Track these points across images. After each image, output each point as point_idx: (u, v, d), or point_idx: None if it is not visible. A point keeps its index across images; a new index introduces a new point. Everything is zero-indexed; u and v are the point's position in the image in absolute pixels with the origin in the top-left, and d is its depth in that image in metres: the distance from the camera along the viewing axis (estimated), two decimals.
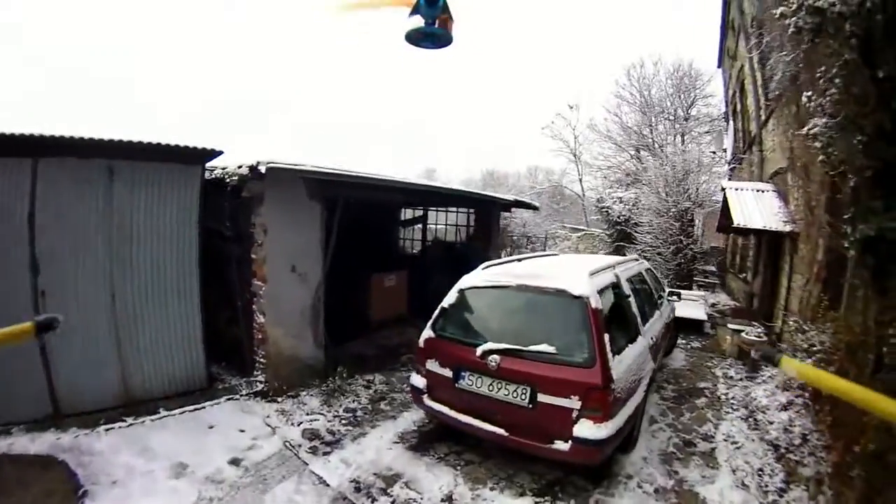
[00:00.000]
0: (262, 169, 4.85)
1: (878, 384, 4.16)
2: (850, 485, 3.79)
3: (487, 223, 10.04)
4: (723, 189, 10.01)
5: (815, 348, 5.15)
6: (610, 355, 3.79)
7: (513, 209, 12.09)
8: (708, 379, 7.06)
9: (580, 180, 27.93)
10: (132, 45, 67.28)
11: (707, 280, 16.30)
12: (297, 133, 65.46)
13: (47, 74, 53.30)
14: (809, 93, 4.23)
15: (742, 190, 9.45)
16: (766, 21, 7.08)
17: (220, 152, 5.12)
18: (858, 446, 3.95)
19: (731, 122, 14.44)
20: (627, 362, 4.19)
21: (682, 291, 11.07)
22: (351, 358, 6.73)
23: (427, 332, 4.61)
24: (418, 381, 4.62)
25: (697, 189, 13.53)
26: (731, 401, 6.12)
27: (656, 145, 21.37)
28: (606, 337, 3.83)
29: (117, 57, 62.39)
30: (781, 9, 4.06)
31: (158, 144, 4.72)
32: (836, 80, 3.80)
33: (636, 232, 14.76)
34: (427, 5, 2.58)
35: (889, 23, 2.93)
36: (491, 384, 4.07)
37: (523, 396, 3.89)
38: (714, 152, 15.16)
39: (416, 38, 2.82)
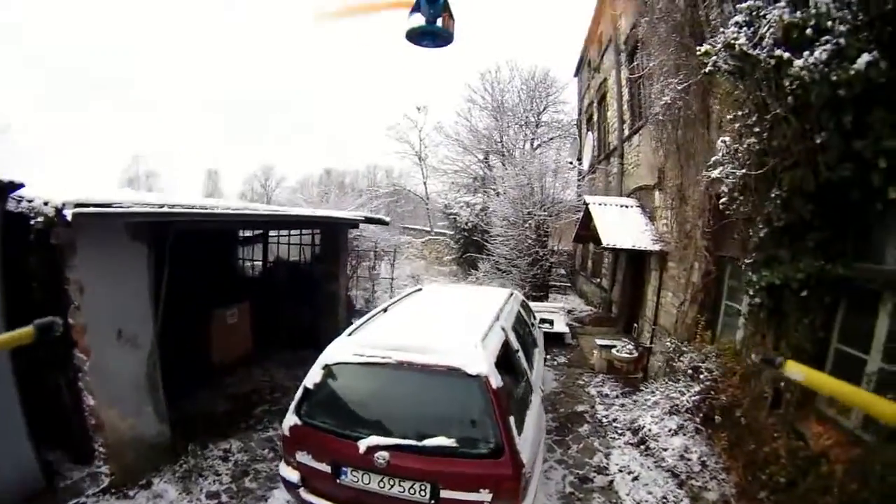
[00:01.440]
0: (68, 214, 3.52)
1: (776, 418, 4.54)
2: None
3: (335, 243, 9.30)
4: (585, 203, 10.36)
5: (702, 375, 5.48)
6: (517, 439, 3.43)
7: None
8: (584, 400, 7.21)
9: (425, 183, 28.36)
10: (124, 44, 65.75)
11: (559, 283, 17.32)
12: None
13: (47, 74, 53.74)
14: (726, 139, 4.30)
15: (606, 205, 9.88)
16: (653, 44, 7.45)
17: (21, 185, 3.74)
18: (765, 475, 4.25)
19: (590, 132, 15.42)
20: (531, 434, 3.88)
21: (543, 305, 11.58)
22: (200, 418, 5.72)
23: (291, 419, 3.73)
24: (290, 473, 3.75)
25: (553, 199, 13.85)
26: (615, 425, 6.29)
27: (506, 150, 22.28)
28: (511, 419, 3.44)
29: (114, 57, 60.83)
30: (706, 47, 4.09)
31: None
32: (757, 130, 3.93)
33: (488, 242, 14.83)
34: (428, 4, 2.53)
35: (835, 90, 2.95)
36: (381, 481, 3.46)
37: (423, 493, 3.37)
38: (571, 162, 16.05)
39: (417, 37, 2.82)
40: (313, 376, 3.72)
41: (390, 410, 3.65)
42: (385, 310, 4.83)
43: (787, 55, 3.10)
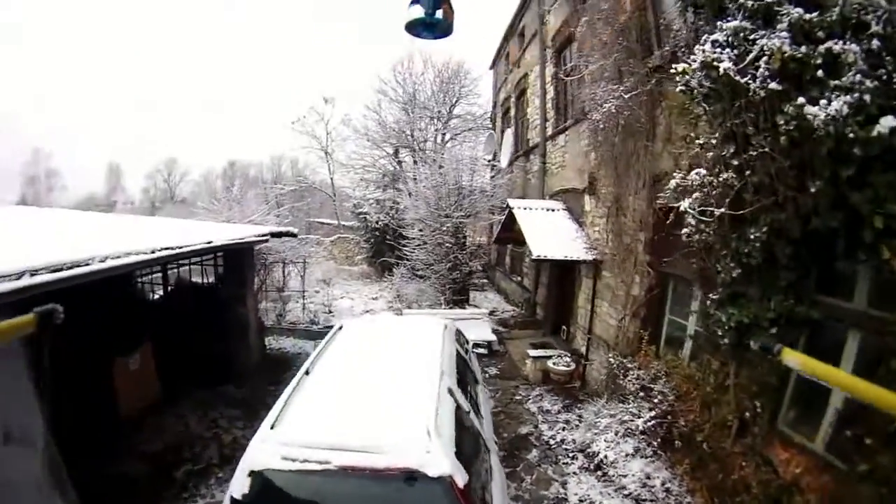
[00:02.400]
0: None
1: (742, 446, 4.55)
2: None
3: (239, 262, 8.38)
4: (508, 207, 10.03)
5: (655, 397, 5.43)
6: None
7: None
8: (526, 420, 7.04)
9: (331, 179, 27.27)
10: None
11: (477, 280, 17.08)
12: None
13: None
14: (703, 171, 4.12)
15: (531, 210, 9.63)
16: (593, 46, 7.27)
17: None
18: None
19: (508, 127, 15.28)
20: None
21: (465, 312, 11.33)
22: (116, 489, 4.75)
23: None
24: None
25: (471, 199, 13.32)
26: (564, 447, 6.16)
27: (416, 144, 21.70)
28: None
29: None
30: (682, 66, 3.86)
31: None
32: (735, 163, 3.76)
33: (403, 245, 14.10)
34: None
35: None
36: None
37: None
38: (489, 160, 15.87)
39: (417, 28, 2.85)
40: (239, 485, 2.97)
41: None
42: (308, 372, 4.11)
43: (800, 97, 2.88)
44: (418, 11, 2.89)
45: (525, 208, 9.63)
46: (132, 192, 54.90)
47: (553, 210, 9.68)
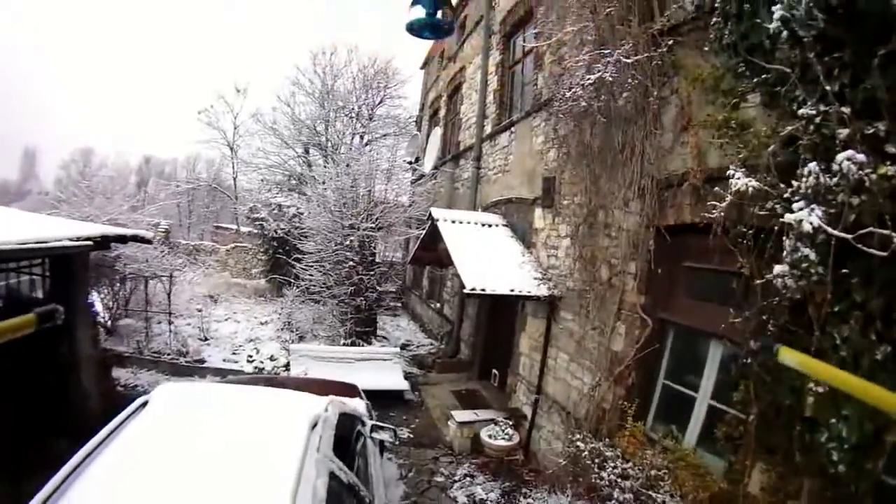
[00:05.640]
0: None
1: None
2: None
3: (67, 273, 5.96)
4: (431, 219, 7.71)
5: None
6: None
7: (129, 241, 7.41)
8: None
9: (234, 178, 24.08)
10: None
11: (389, 304, 14.87)
12: None
13: None
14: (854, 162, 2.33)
15: (462, 224, 7.50)
16: (567, 9, 5.51)
17: None
18: None
19: (436, 128, 13.43)
20: None
21: (370, 351, 9.11)
22: None
23: None
24: None
25: (382, 208, 10.76)
26: None
27: (330, 144, 19.30)
28: None
29: None
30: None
31: None
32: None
33: (297, 261, 11.30)
34: None
35: None
36: None
37: None
38: (411, 162, 13.85)
39: (418, 29, 2.91)
40: None
41: None
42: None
43: None
44: (419, 12, 2.87)
45: (454, 221, 7.45)
46: (46, 181, 48.96)
47: (490, 225, 7.71)
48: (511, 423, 6.22)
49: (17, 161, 50.37)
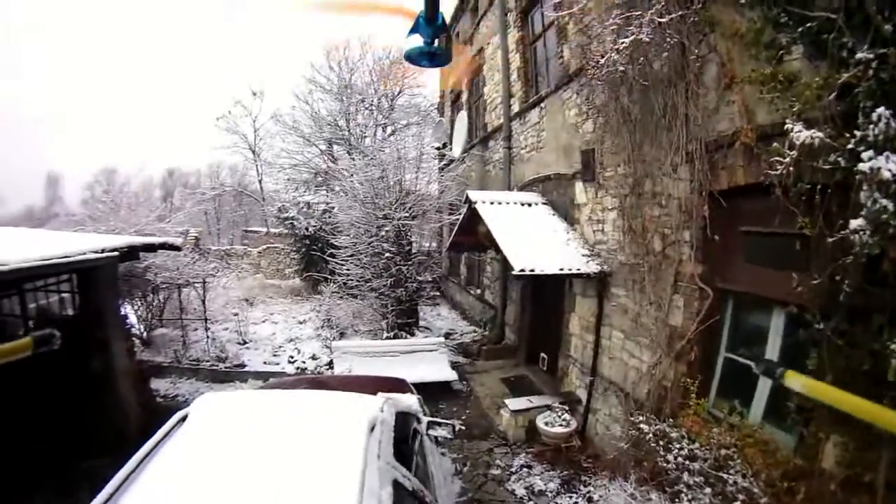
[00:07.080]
0: None
1: None
2: None
3: (96, 286, 6.09)
4: (469, 202, 7.60)
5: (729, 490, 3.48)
6: None
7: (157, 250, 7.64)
8: None
9: (260, 181, 24.46)
10: None
11: (428, 294, 14.74)
12: None
13: None
14: None
15: (501, 204, 7.37)
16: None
17: None
18: None
19: (460, 112, 13.29)
20: None
21: (415, 342, 9.01)
22: None
23: None
24: None
25: (416, 195, 10.69)
26: None
27: (353, 138, 19.23)
28: None
29: None
30: None
31: None
32: None
33: (331, 256, 11.29)
34: (426, 24, 2.57)
35: None
36: None
37: None
38: (439, 148, 13.71)
39: (416, 58, 2.85)
40: None
41: None
42: None
43: None
44: (417, 41, 2.77)
45: (493, 203, 7.32)
46: (71, 203, 50.99)
47: (530, 204, 7.51)
48: (566, 408, 6.13)
49: (41, 186, 51.47)
